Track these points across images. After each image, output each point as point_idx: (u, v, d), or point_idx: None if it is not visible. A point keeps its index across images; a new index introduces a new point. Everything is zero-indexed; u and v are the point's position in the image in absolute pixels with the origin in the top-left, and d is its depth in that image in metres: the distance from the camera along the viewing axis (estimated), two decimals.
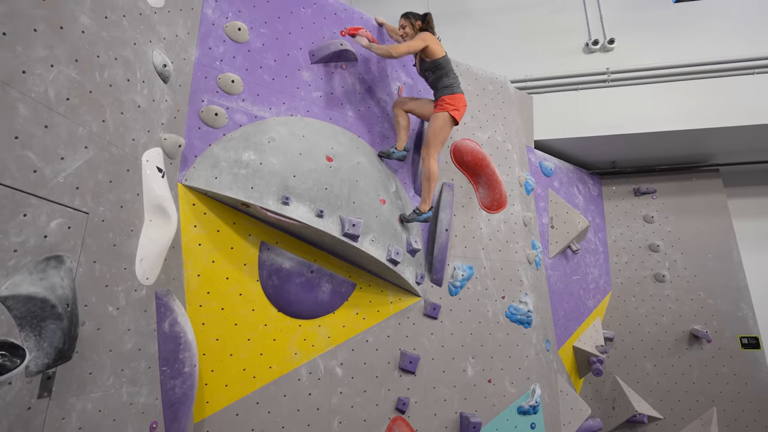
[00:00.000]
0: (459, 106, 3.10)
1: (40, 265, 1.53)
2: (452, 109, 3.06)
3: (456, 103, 3.09)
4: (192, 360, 2.26)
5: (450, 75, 3.16)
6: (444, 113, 3.07)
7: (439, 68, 3.15)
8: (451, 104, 3.08)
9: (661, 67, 5.03)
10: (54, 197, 1.60)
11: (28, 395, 1.48)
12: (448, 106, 3.07)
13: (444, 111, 3.07)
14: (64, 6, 1.71)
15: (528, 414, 3.38)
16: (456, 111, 3.08)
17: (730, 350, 4.69)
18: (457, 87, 3.15)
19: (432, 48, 3.12)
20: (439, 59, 3.14)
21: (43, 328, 1.50)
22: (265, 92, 2.83)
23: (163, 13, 2.35)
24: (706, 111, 4.72)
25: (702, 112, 4.72)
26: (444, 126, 3.08)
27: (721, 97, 4.74)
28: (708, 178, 5.38)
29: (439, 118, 3.08)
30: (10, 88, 1.46)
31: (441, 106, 3.09)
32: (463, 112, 3.15)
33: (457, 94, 3.12)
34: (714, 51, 5.07)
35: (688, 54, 5.11)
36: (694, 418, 4.58)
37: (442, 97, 3.11)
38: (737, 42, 5.15)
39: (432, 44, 3.12)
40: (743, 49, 4.98)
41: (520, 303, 3.64)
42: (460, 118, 3.13)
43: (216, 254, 2.53)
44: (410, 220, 3.14)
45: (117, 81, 1.97)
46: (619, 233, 5.35)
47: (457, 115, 3.09)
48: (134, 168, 2.06)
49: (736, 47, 5.07)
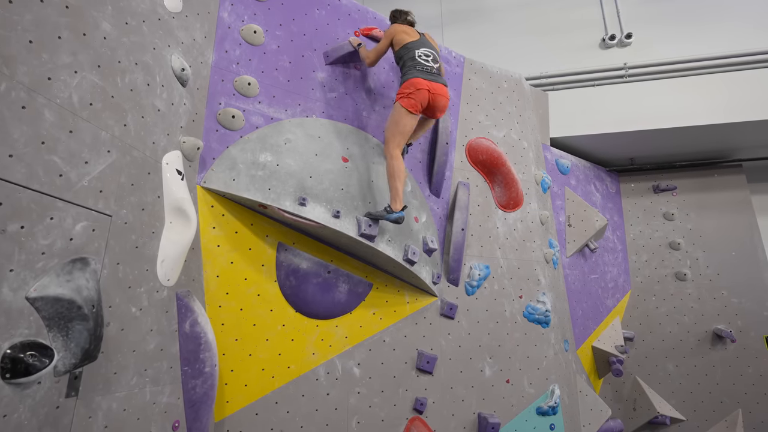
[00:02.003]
0: (410, 91, 2.70)
1: (67, 267, 1.56)
2: (401, 96, 2.72)
3: (407, 89, 2.72)
4: (212, 360, 2.29)
5: (408, 62, 2.82)
6: (396, 103, 2.75)
7: (400, 58, 2.88)
8: (401, 93, 2.74)
9: (681, 61, 4.92)
10: (79, 200, 1.64)
11: (56, 394, 1.52)
12: (398, 95, 2.76)
13: (396, 102, 2.75)
14: (87, 13, 1.74)
15: (547, 415, 3.34)
16: (405, 99, 2.69)
17: (755, 350, 4.57)
18: (412, 71, 2.77)
19: (397, 38, 2.89)
20: (400, 48, 2.88)
21: (70, 329, 1.53)
22: (280, 94, 2.85)
23: (181, 17, 2.38)
24: (728, 105, 4.60)
25: (724, 106, 4.61)
26: (399, 118, 2.72)
27: (744, 90, 4.62)
28: (730, 173, 5.24)
29: (394, 109, 2.77)
30: (36, 95, 1.50)
31: (396, 97, 2.79)
32: (419, 96, 2.71)
33: (410, 79, 2.73)
34: (735, 43, 4.95)
35: (708, 47, 4.99)
36: (719, 420, 4.47)
37: (400, 87, 2.80)
38: (759, 33, 5.01)
39: (397, 34, 2.89)
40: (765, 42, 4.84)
41: (537, 302, 3.60)
42: (414, 108, 2.71)
43: (234, 255, 2.55)
44: (378, 218, 2.71)
45: (138, 86, 2.00)
46: (639, 231, 5.25)
47: (406, 104, 2.69)
48: (155, 171, 2.09)
49: (758, 39, 4.93)
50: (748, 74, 4.70)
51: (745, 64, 4.82)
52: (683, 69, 4.91)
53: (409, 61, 2.82)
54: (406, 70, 2.81)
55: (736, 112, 4.55)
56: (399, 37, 2.90)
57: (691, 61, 4.91)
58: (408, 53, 2.84)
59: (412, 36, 2.92)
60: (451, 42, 5.43)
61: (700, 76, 4.83)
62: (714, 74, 4.80)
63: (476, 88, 3.96)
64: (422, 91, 2.72)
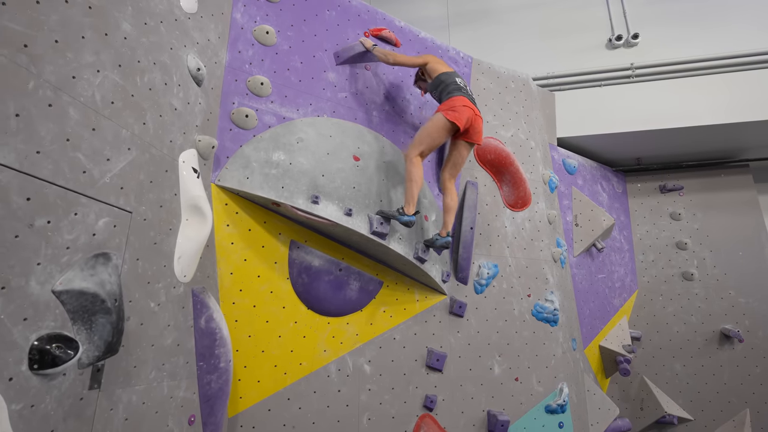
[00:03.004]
0: (455, 106, 2.87)
1: (90, 261, 1.59)
2: (446, 109, 2.87)
3: (452, 103, 2.89)
4: (227, 356, 2.32)
5: (451, 85, 3.01)
6: (438, 114, 2.89)
7: (440, 83, 3.06)
8: (446, 105, 2.90)
9: (688, 61, 4.93)
10: (101, 197, 1.67)
11: (80, 386, 1.55)
12: (443, 107, 2.92)
13: (438, 112, 2.91)
14: (109, 13, 1.78)
15: (556, 413, 3.35)
16: (450, 111, 2.85)
17: (763, 350, 4.56)
18: (456, 92, 2.96)
19: (432, 66, 3.12)
20: (440, 75, 3.07)
21: (93, 322, 1.56)
22: (292, 93, 2.88)
23: (197, 18, 2.42)
24: (735, 105, 4.61)
25: (731, 106, 4.61)
26: (435, 128, 2.87)
27: (752, 90, 4.62)
28: (738, 173, 5.24)
29: (432, 119, 2.91)
30: (62, 93, 1.53)
31: (438, 108, 2.97)
32: (464, 112, 2.87)
33: (455, 97, 2.93)
34: (742, 43, 4.95)
35: (715, 47, 5.00)
36: (726, 420, 4.47)
37: (443, 102, 2.98)
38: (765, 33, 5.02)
39: (433, 62, 3.12)
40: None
41: (546, 301, 3.61)
42: (459, 121, 2.85)
43: (248, 253, 2.59)
44: (390, 217, 2.76)
45: (156, 85, 2.04)
46: (645, 231, 5.26)
47: (451, 117, 2.83)
48: (172, 169, 2.13)
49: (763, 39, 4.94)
50: (754, 74, 4.70)
51: (751, 64, 4.83)
52: (690, 69, 4.93)
53: (451, 85, 3.02)
54: (449, 91, 2.99)
55: (742, 112, 4.56)
56: (435, 66, 3.11)
57: (697, 62, 4.92)
58: (448, 78, 3.05)
59: (447, 67, 3.14)
60: (458, 43, 5.46)
61: (706, 76, 4.83)
62: (720, 74, 4.80)
63: (484, 89, 3.99)
64: (467, 108, 2.89)
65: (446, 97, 2.97)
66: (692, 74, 4.88)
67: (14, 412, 1.30)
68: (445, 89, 3.02)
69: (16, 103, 1.37)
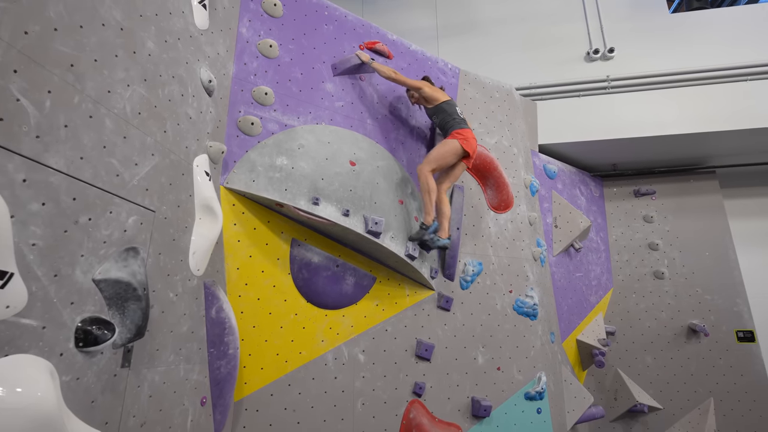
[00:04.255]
0: (468, 137, 3.31)
1: (122, 254, 1.80)
2: (461, 139, 3.28)
3: (465, 135, 3.31)
4: (235, 343, 2.53)
5: (455, 116, 3.40)
6: (454, 140, 3.28)
7: (441, 111, 3.43)
8: (461, 134, 3.30)
9: (659, 74, 5.28)
10: (131, 197, 1.88)
11: (114, 364, 1.76)
12: (459, 136, 3.30)
13: (454, 139, 3.29)
14: (136, 34, 1.99)
15: (534, 400, 3.62)
16: (465, 141, 3.27)
17: (726, 344, 4.92)
18: (461, 124, 3.38)
19: (429, 93, 3.43)
20: (441, 104, 3.44)
21: (126, 308, 1.78)
22: (293, 103, 3.11)
23: (208, 34, 2.63)
24: (703, 116, 4.97)
25: (699, 116, 4.98)
26: (449, 151, 3.27)
27: (717, 102, 5.00)
28: (705, 179, 5.62)
29: (447, 144, 3.29)
30: (100, 106, 1.75)
31: (452, 135, 3.33)
32: (473, 143, 3.31)
33: (464, 129, 3.34)
34: (709, 59, 5.32)
35: (684, 62, 5.36)
36: (692, 408, 4.81)
37: (455, 130, 3.34)
38: (731, 50, 5.40)
39: (428, 89, 3.43)
40: (737, 57, 5.23)
41: (526, 297, 3.89)
42: (470, 150, 3.28)
43: (253, 249, 2.80)
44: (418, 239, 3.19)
45: (174, 96, 2.25)
46: (620, 232, 5.60)
47: (466, 146, 3.26)
48: (187, 172, 2.34)
49: (729, 55, 5.32)
50: (722, 87, 5.08)
51: (719, 78, 5.19)
52: (662, 82, 5.27)
53: (455, 115, 3.42)
54: (453, 123, 3.39)
55: (710, 123, 4.93)
56: (434, 95, 3.42)
57: (668, 75, 5.27)
58: (450, 108, 3.43)
59: (445, 96, 3.47)
60: (446, 53, 5.74)
61: (677, 88, 5.19)
62: (690, 87, 5.17)
63: (470, 98, 4.27)
64: (474, 140, 3.36)
65: (454, 126, 3.37)
66: (664, 86, 5.23)
67: (64, 383, 1.51)
68: (449, 118, 3.40)
69: (65, 115, 1.58)
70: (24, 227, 1.40)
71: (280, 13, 3.21)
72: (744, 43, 5.40)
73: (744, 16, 5.63)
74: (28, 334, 1.40)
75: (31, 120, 1.45)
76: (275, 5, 3.18)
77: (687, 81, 5.26)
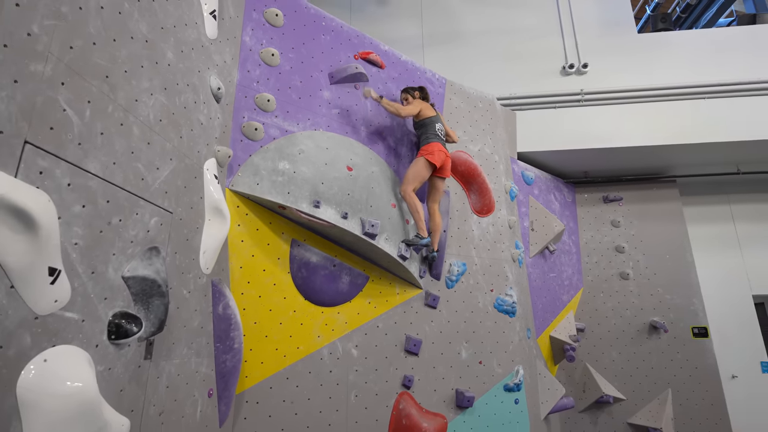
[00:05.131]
0: (433, 151, 3.60)
1: (147, 253, 1.93)
2: (426, 154, 3.59)
3: (429, 149, 3.61)
4: (239, 338, 2.67)
5: (429, 130, 3.72)
6: (421, 158, 3.60)
7: (423, 126, 3.75)
8: (426, 150, 3.62)
9: (629, 89, 5.69)
10: (153, 200, 2.00)
11: (138, 356, 1.88)
12: (423, 152, 3.61)
13: (421, 156, 3.61)
14: (158, 46, 2.11)
15: (513, 391, 3.89)
16: (430, 155, 3.57)
17: (683, 339, 5.36)
18: (433, 137, 3.68)
19: (422, 112, 3.74)
20: (425, 119, 3.74)
21: (150, 304, 1.90)
22: (293, 109, 3.26)
23: (216, 43, 2.76)
24: (666, 130, 5.41)
25: (662, 130, 5.41)
26: (421, 169, 3.57)
27: (680, 117, 5.45)
28: (667, 188, 6.08)
29: (418, 162, 3.60)
30: (128, 114, 1.87)
31: (419, 153, 3.65)
32: (439, 155, 3.59)
33: (431, 143, 3.65)
34: (672, 77, 5.77)
35: (650, 79, 5.79)
36: (652, 398, 5.22)
37: (421, 148, 3.67)
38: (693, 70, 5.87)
39: (423, 109, 3.75)
40: (696, 77, 5.70)
41: (506, 295, 4.16)
42: (436, 161, 3.57)
43: (255, 249, 2.94)
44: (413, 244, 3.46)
45: (189, 104, 2.37)
46: (590, 236, 5.98)
47: (430, 158, 3.56)
48: (199, 175, 2.46)
49: (691, 74, 5.79)
50: (682, 104, 5.54)
51: (680, 96, 5.63)
52: (630, 97, 5.68)
53: (430, 131, 3.73)
54: (427, 136, 3.71)
55: (671, 136, 5.36)
56: (424, 111, 3.73)
57: (636, 91, 5.68)
58: (430, 123, 3.76)
59: (431, 112, 3.81)
60: (432, 62, 5.98)
61: (644, 103, 5.61)
62: (656, 102, 5.60)
63: (456, 107, 4.51)
64: (441, 152, 3.64)
65: (425, 142, 3.69)
66: (632, 101, 5.63)
67: (99, 373, 1.63)
68: (425, 133, 3.74)
69: (102, 123, 1.70)
70: (69, 228, 1.52)
71: (281, 23, 3.35)
72: (703, 64, 5.88)
73: (703, 39, 6.12)
74: (71, 326, 1.52)
75: (75, 128, 1.57)
76: (276, 15, 3.32)
77: (652, 97, 5.69)
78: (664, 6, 8.58)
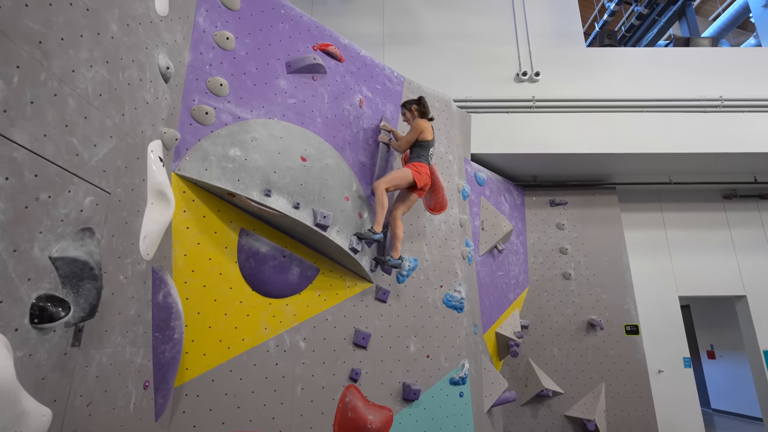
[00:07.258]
0: (422, 172, 3.71)
1: (79, 234, 1.81)
2: (414, 171, 3.69)
3: (419, 169, 3.71)
4: (180, 328, 2.56)
5: (424, 152, 3.81)
6: (408, 170, 3.69)
7: (421, 146, 3.84)
8: (416, 167, 3.72)
9: (576, 99, 6.00)
10: (89, 178, 1.89)
11: (64, 342, 1.77)
12: (413, 167, 3.71)
13: (409, 169, 3.70)
14: (101, 15, 2.00)
15: (458, 384, 3.99)
16: (417, 174, 3.68)
17: (617, 336, 5.72)
18: (424, 159, 3.79)
19: (422, 135, 3.82)
20: (424, 142, 3.83)
21: (80, 287, 1.79)
22: (247, 96, 3.18)
23: (167, 20, 2.64)
24: (608, 139, 5.76)
25: (605, 139, 5.76)
26: (401, 177, 3.66)
27: (620, 128, 5.82)
28: (607, 194, 6.47)
29: (404, 171, 3.70)
30: (64, 84, 1.75)
31: (409, 165, 3.75)
32: (425, 178, 3.71)
33: (423, 163, 3.75)
34: (615, 90, 6.16)
35: (596, 91, 6.15)
36: (588, 392, 5.53)
37: (413, 162, 3.77)
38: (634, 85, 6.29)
39: (423, 131, 3.81)
40: (637, 92, 6.11)
41: (454, 292, 4.27)
42: (420, 183, 3.68)
43: (201, 237, 2.84)
44: (365, 237, 3.48)
45: (133, 80, 2.25)
46: (537, 237, 6.25)
47: (416, 177, 3.66)
48: (142, 156, 2.34)
49: (633, 89, 6.20)
50: (624, 116, 5.91)
51: (622, 108, 6.02)
52: (577, 106, 6.00)
53: (424, 153, 3.83)
54: (420, 155, 3.81)
55: (612, 145, 5.72)
56: (425, 135, 3.79)
57: (583, 101, 6.01)
58: (427, 145, 3.86)
59: (432, 135, 3.90)
60: (391, 60, 6.03)
61: (590, 113, 5.94)
62: (600, 113, 5.95)
63: None
64: (427, 176, 3.77)
65: (416, 159, 3.79)
66: (578, 111, 5.95)
67: (17, 358, 1.52)
68: (419, 152, 3.83)
69: (32, 92, 1.59)
70: None
71: (237, 6, 3.26)
72: (643, 80, 6.31)
73: (645, 57, 6.57)
74: None
75: (0, 94, 1.45)
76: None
77: (597, 108, 6.04)
78: (612, 24, 9.13)
